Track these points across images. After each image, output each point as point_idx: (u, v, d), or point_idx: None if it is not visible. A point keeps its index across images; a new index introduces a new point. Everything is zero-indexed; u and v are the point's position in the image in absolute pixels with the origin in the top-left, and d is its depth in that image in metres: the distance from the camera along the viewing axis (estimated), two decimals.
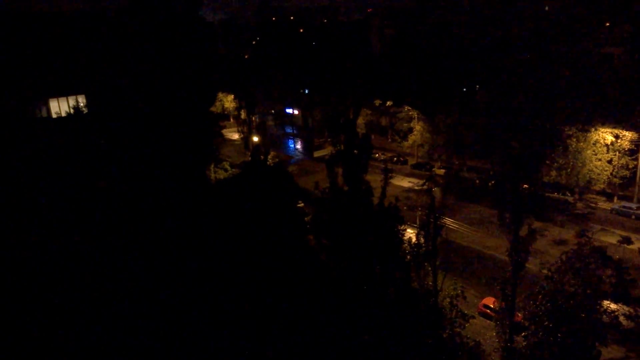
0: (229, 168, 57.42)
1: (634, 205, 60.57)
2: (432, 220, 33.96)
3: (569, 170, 62.06)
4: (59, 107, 40.79)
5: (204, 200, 29.43)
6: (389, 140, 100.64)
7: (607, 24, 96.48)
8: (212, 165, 52.45)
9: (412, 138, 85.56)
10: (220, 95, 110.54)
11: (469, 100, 79.95)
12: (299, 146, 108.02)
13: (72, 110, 39.00)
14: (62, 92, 40.78)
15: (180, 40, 41.19)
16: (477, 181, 74.60)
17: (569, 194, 65.34)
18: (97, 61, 40.39)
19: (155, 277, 22.17)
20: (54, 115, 40.54)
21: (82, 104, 40.17)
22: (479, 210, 64.29)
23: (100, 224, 24.43)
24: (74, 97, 40.70)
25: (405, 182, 75.70)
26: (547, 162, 62.73)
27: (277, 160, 66.81)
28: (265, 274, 23.42)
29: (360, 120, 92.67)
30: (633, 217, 59.24)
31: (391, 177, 36.55)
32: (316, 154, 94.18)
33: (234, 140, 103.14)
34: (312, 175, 64.56)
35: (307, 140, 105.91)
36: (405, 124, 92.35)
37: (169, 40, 40.55)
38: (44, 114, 40.41)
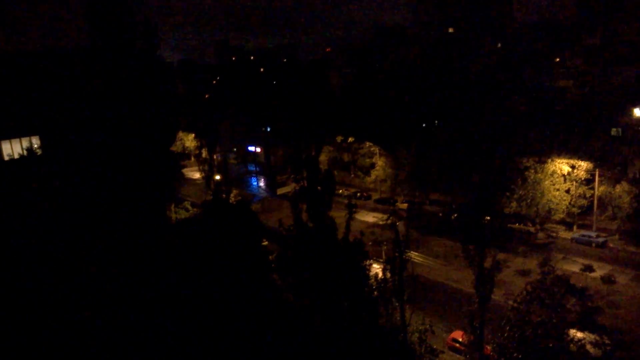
0: (190, 208, 56.43)
1: (593, 234, 62.25)
2: (397, 254, 34.00)
3: (528, 200, 63.62)
4: (12, 148, 39.50)
5: (163, 241, 28.66)
6: (352, 176, 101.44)
7: (558, 59, 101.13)
8: (173, 206, 51.44)
9: (374, 173, 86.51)
10: (180, 134, 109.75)
11: (428, 135, 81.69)
12: (262, 184, 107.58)
13: (25, 152, 37.82)
14: (15, 134, 39.58)
15: (139, 80, 40.94)
16: (440, 214, 75.58)
17: (530, 224, 66.78)
18: (53, 101, 39.60)
19: (115, 318, 21.25)
20: (6, 158, 39.18)
21: (36, 146, 39.06)
22: (443, 243, 64.86)
23: (54, 267, 23.41)
24: (27, 138, 39.51)
25: (369, 217, 75.97)
26: (507, 193, 64.22)
27: (239, 198, 66.12)
28: (230, 315, 22.76)
29: (323, 157, 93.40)
30: (593, 245, 60.82)
31: (355, 213, 36.64)
32: (279, 191, 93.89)
33: (195, 180, 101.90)
34: (276, 213, 64.02)
35: (270, 177, 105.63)
36: (368, 160, 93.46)
37: (127, 80, 40.25)
38: None
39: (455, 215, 71.05)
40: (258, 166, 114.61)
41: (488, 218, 46.97)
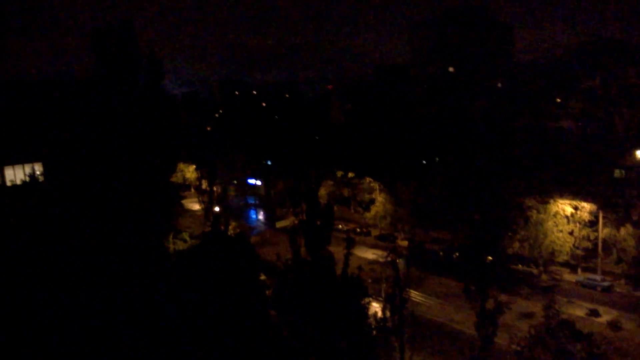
0: (188, 239, 55.95)
1: (598, 277, 61.50)
2: (397, 293, 33.47)
3: (531, 241, 63.11)
4: (14, 175, 39.67)
5: (161, 272, 28.29)
6: (352, 211, 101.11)
7: (559, 100, 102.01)
8: (171, 236, 51.07)
9: (374, 209, 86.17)
10: (181, 165, 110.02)
11: (429, 171, 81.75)
12: (261, 217, 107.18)
13: (27, 178, 37.97)
14: (18, 160, 39.85)
15: (142, 111, 41.22)
16: (442, 253, 74.91)
17: (533, 266, 66.07)
18: (56, 129, 39.86)
19: (112, 348, 20.72)
20: (9, 183, 39.33)
21: (38, 172, 39.20)
22: (444, 283, 64.06)
23: (53, 296, 23.00)
24: (30, 165, 39.75)
25: (369, 254, 75.28)
26: (510, 233, 63.73)
27: (238, 230, 65.67)
28: (226, 351, 22.19)
29: (323, 191, 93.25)
30: (598, 289, 60.01)
31: (354, 248, 36.22)
32: (278, 225, 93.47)
33: (195, 211, 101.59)
34: (274, 246, 63.48)
35: (269, 210, 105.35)
36: (367, 195, 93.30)
37: (130, 110, 40.55)
38: None
39: (457, 254, 70.39)
40: (258, 199, 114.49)
41: (490, 258, 46.52)
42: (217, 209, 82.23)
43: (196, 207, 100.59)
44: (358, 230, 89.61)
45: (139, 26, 45.26)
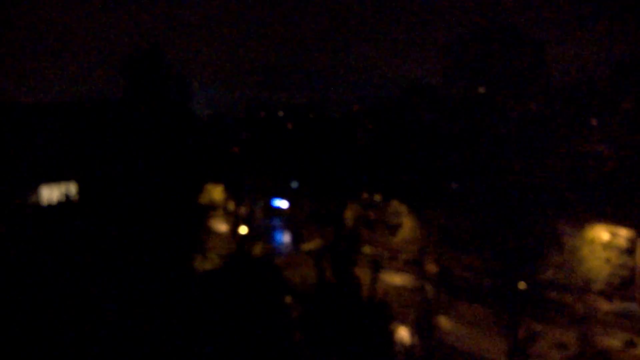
0: (215, 259, 56.49)
1: (635, 306, 59.87)
2: (425, 319, 33.23)
3: (566, 268, 61.91)
4: (50, 194, 41.06)
5: (189, 292, 28.80)
6: (378, 234, 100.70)
7: (595, 122, 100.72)
8: (198, 257, 51.66)
9: (401, 233, 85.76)
10: (208, 186, 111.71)
11: (459, 195, 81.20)
12: (286, 238, 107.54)
13: (62, 197, 39.27)
14: (54, 179, 41.29)
15: (169, 133, 42.37)
16: (472, 279, 73.87)
17: (567, 294, 64.64)
18: (89, 150, 41.25)
19: None
20: (45, 202, 40.71)
21: (72, 192, 40.56)
22: (474, 310, 63.05)
23: (84, 317, 23.68)
24: (65, 184, 41.12)
25: (396, 278, 74.73)
26: (543, 260, 62.67)
27: (263, 252, 66.10)
28: None
29: (348, 214, 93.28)
30: (636, 318, 58.36)
31: (381, 273, 36.21)
32: (304, 247, 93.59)
33: (222, 232, 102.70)
34: (300, 268, 63.44)
35: (295, 232, 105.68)
36: (395, 219, 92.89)
37: (158, 132, 41.72)
38: (35, 200, 40.61)
39: (488, 280, 69.42)
40: (283, 221, 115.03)
41: (523, 285, 45.75)
42: (243, 230, 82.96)
43: (223, 227, 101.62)
44: (385, 254, 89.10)
45: (167, 48, 46.67)
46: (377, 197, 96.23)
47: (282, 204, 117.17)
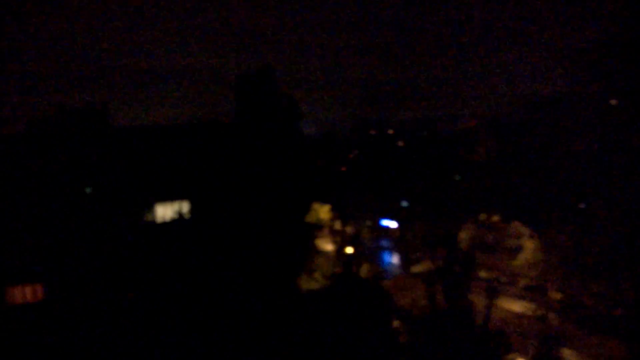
0: (320, 279, 57.24)
1: None
2: (548, 351, 31.17)
3: None
4: (164, 212, 44.04)
5: (293, 311, 29.38)
6: (496, 258, 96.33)
7: None
8: (304, 276, 52.67)
9: (522, 257, 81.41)
10: (315, 205, 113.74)
11: (588, 215, 75.82)
12: (395, 260, 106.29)
13: (175, 215, 42.04)
14: (168, 198, 44.22)
15: (279, 151, 43.89)
16: (602, 308, 68.20)
17: None
18: (200, 170, 43.88)
19: None
20: (159, 220, 43.73)
21: (185, 210, 43.21)
22: (607, 344, 57.98)
23: (195, 328, 25.02)
24: (178, 202, 43.92)
25: (514, 306, 70.88)
26: None
27: (370, 273, 65.80)
28: None
29: (463, 235, 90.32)
30: None
31: (497, 299, 34.56)
32: (413, 269, 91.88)
33: (328, 251, 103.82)
34: (409, 292, 62.38)
35: (404, 254, 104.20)
36: (514, 241, 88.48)
37: (269, 151, 43.40)
38: (150, 218, 43.80)
39: (621, 310, 63.70)
40: (392, 241, 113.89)
41: None
42: (349, 250, 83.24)
43: (329, 247, 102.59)
44: (502, 279, 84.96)
45: (277, 68, 48.52)
46: (495, 218, 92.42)
47: (391, 224, 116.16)
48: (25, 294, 37.84)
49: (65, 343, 33.69)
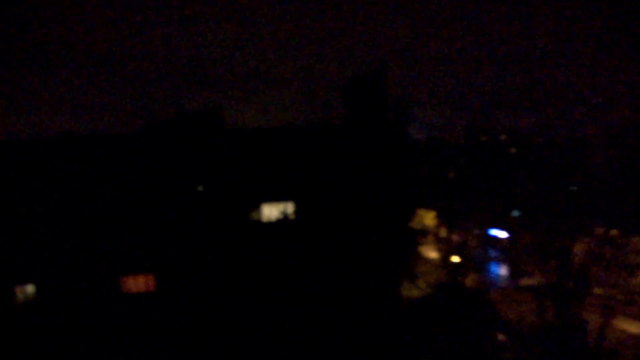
0: (423, 286, 56.55)
1: None
2: None
3: None
4: (270, 212, 45.72)
5: (395, 318, 29.40)
6: (613, 274, 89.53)
7: None
8: (406, 282, 52.35)
9: None
10: (420, 211, 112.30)
11: None
12: (503, 271, 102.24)
13: (281, 216, 43.52)
14: (274, 199, 45.82)
15: (387, 155, 43.88)
16: None
17: None
18: (306, 172, 45.00)
19: None
20: (265, 220, 45.44)
21: (290, 211, 44.53)
22: None
23: (297, 330, 25.86)
24: (283, 203, 45.40)
25: (632, 327, 65.58)
26: None
27: (476, 283, 63.94)
28: None
29: (577, 249, 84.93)
30: None
31: (614, 318, 32.31)
32: (522, 282, 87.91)
33: (432, 259, 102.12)
34: (516, 305, 59.93)
35: (512, 265, 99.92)
36: (635, 258, 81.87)
37: (376, 156, 43.56)
38: (257, 217, 45.63)
39: None
40: (500, 252, 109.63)
41: None
42: (455, 258, 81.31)
43: (433, 254, 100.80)
44: (620, 297, 78.87)
45: (387, 71, 48.52)
46: (614, 232, 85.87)
47: (500, 233, 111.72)
48: (138, 283, 41.07)
49: (174, 332, 36.13)
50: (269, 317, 33.96)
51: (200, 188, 43.75)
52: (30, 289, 40.66)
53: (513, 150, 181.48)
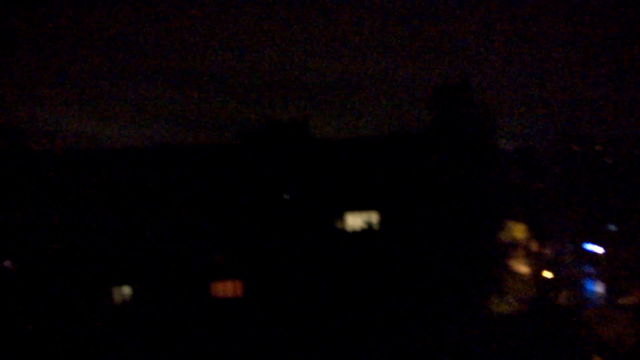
0: (514, 303, 54.44)
1: None
2: None
3: None
4: (354, 221, 45.96)
5: (483, 334, 28.55)
6: None
7: None
8: (495, 298, 50.60)
9: None
10: (509, 223, 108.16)
11: None
12: (599, 288, 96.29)
13: (365, 225, 43.63)
14: (358, 208, 46.00)
15: (473, 165, 42.82)
16: None
17: None
18: (391, 181, 44.82)
19: None
20: (349, 229, 45.73)
21: (374, 221, 44.53)
22: None
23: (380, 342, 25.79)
24: (367, 213, 45.48)
25: None
26: None
27: (570, 301, 60.59)
28: None
29: None
30: None
31: None
32: (621, 301, 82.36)
33: (522, 273, 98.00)
34: (613, 325, 56.13)
35: (609, 283, 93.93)
36: None
37: (461, 164, 42.62)
38: (341, 226, 45.99)
39: None
40: (596, 268, 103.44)
41: None
42: (547, 274, 77.69)
43: (523, 269, 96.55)
44: None
45: (473, 79, 47.42)
46: None
47: (596, 248, 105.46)
48: (226, 289, 42.45)
49: (260, 336, 36.88)
50: (351, 326, 33.95)
51: (286, 196, 44.71)
52: (126, 290, 43.18)
53: (609, 160, 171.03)
